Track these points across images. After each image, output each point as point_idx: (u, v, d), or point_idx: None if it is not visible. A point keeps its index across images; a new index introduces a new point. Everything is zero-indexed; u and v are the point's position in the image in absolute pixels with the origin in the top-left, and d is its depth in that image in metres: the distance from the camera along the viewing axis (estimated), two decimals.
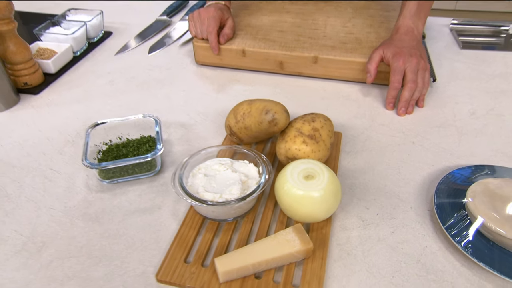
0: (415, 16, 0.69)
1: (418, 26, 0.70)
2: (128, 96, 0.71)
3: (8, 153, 0.58)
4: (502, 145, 0.58)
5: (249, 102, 0.53)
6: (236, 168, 0.48)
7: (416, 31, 0.69)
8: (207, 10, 0.75)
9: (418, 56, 0.64)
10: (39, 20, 0.85)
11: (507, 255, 0.41)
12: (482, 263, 0.40)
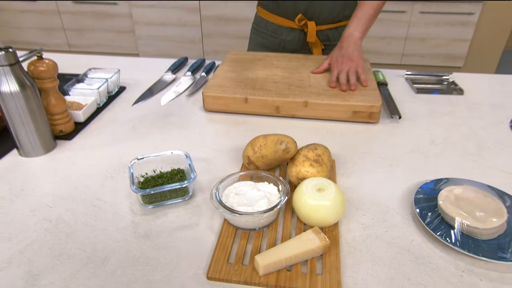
0: (354, 24, 0.95)
1: (356, 31, 0.95)
2: (150, 138, 0.80)
3: (58, 188, 0.64)
4: (457, 163, 0.71)
5: (264, 136, 0.64)
6: (259, 188, 0.57)
7: (354, 36, 0.94)
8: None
9: (349, 60, 0.90)
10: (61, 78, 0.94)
11: (472, 240, 0.52)
12: (456, 247, 0.50)
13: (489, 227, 0.51)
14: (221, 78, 0.94)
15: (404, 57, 2.88)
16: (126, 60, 1.19)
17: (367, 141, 0.79)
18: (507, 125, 0.84)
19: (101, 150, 0.75)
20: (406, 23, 2.75)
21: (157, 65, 1.14)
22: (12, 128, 0.69)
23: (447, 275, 0.49)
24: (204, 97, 0.88)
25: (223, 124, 0.85)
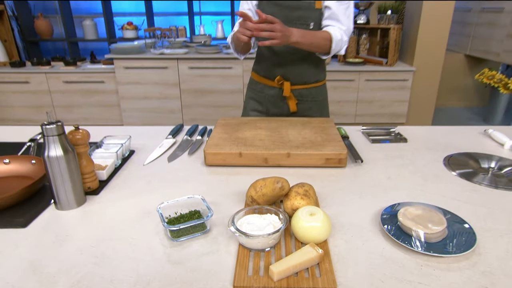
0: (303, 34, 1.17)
1: (296, 36, 1.14)
2: (163, 190, 0.91)
3: (96, 232, 0.74)
4: (408, 192, 0.88)
5: (263, 179, 0.78)
6: (265, 218, 0.70)
7: (292, 35, 1.13)
8: None
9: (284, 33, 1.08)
10: None
11: (425, 243, 0.67)
12: (414, 248, 0.65)
13: (435, 232, 0.67)
14: (216, 138, 1.09)
15: (357, 117, 3.21)
16: (131, 129, 1.32)
17: (339, 180, 0.95)
18: (441, 163, 1.04)
19: (125, 201, 0.86)
20: (355, 89, 3.12)
21: (158, 131, 1.29)
22: (54, 186, 0.79)
23: (411, 269, 0.62)
24: (206, 154, 1.02)
25: (222, 175, 0.99)
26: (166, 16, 4.12)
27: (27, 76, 3.02)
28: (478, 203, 0.83)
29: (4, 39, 3.17)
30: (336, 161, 1.01)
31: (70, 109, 3.17)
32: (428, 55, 3.01)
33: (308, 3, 1.27)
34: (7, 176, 0.93)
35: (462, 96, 3.76)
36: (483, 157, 1.06)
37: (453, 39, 3.82)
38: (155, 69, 3.03)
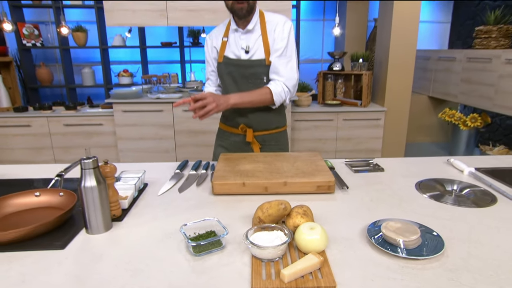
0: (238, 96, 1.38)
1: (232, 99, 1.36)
2: (178, 216, 1.00)
3: (126, 251, 0.82)
4: (388, 211, 1.01)
5: (268, 202, 0.90)
6: (272, 234, 0.81)
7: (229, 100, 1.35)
8: None
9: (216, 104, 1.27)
10: None
11: (405, 249, 0.79)
12: (396, 253, 0.77)
13: (412, 240, 0.79)
14: (222, 171, 1.21)
15: (337, 153, 3.39)
16: (143, 165, 1.43)
17: (330, 204, 1.07)
18: (414, 187, 1.19)
19: (146, 226, 0.95)
20: (335, 128, 3.33)
21: (168, 166, 1.40)
22: (87, 212, 0.88)
23: (394, 269, 0.74)
24: (214, 185, 1.13)
25: (229, 202, 1.09)
26: (159, 64, 4.34)
27: (29, 120, 3.09)
28: (445, 218, 0.97)
29: (9, 87, 3.27)
30: (326, 187, 1.14)
31: (68, 150, 3.22)
32: (396, 97, 3.28)
33: (259, 61, 1.45)
34: (38, 207, 1.01)
35: (429, 132, 4.03)
36: (447, 181, 1.22)
37: (417, 83, 4.16)
38: (152, 112, 3.16)
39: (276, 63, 1.43)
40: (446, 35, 4.41)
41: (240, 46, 1.46)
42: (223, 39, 1.50)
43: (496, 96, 2.88)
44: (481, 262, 0.77)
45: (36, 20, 4.00)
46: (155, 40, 4.08)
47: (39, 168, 1.40)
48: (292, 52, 1.45)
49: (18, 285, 0.70)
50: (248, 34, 1.46)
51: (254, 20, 1.44)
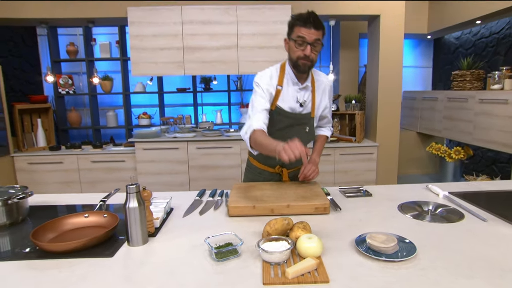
0: (317, 154, 1.59)
1: (317, 158, 1.62)
2: (202, 232, 1.15)
3: (162, 259, 0.97)
4: (374, 227, 1.15)
5: (275, 219, 1.05)
6: (278, 243, 0.96)
7: (316, 160, 1.59)
8: (292, 142, 1.16)
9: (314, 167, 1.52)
10: None
11: (385, 254, 0.93)
12: (379, 257, 0.91)
13: (390, 246, 0.94)
14: (235, 197, 1.37)
15: (335, 184, 3.52)
16: (168, 194, 1.59)
17: (325, 222, 1.22)
18: (396, 209, 1.33)
19: (176, 240, 1.10)
20: (332, 161, 3.49)
21: (188, 193, 1.56)
22: (129, 228, 1.05)
23: (376, 269, 0.88)
24: (229, 208, 1.29)
25: (242, 222, 1.25)
26: (175, 107, 4.63)
27: (61, 158, 3.31)
28: (420, 231, 1.11)
29: (46, 129, 3.53)
30: (322, 209, 1.29)
31: (94, 184, 3.40)
32: (386, 133, 3.48)
33: (308, 114, 1.56)
34: (88, 226, 1.17)
35: (419, 165, 4.18)
36: (424, 203, 1.36)
37: (406, 120, 4.37)
38: (169, 150, 3.37)
39: (328, 115, 1.69)
40: (430, 78, 4.70)
41: (296, 99, 1.51)
42: (277, 87, 1.49)
43: (474, 131, 3.06)
44: (445, 263, 0.91)
45: (71, 71, 4.36)
46: (172, 86, 4.40)
47: (78, 197, 1.58)
48: (331, 101, 1.71)
49: (81, 281, 0.86)
50: (304, 90, 1.53)
51: (309, 77, 1.53)
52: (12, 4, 3.21)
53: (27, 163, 3.31)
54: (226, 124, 4.33)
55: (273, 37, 3.30)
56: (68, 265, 0.94)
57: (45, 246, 0.99)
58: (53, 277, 0.88)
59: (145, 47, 3.28)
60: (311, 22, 1.34)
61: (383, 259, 0.91)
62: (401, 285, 0.82)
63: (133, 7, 3.19)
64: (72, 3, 3.23)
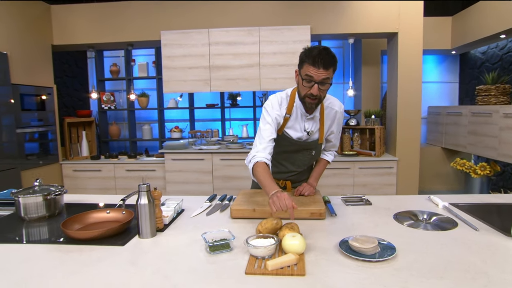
0: (314, 179, 1.58)
1: (314, 183, 1.64)
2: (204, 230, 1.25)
3: (165, 250, 1.09)
4: (365, 231, 1.19)
5: (265, 219, 1.14)
6: (266, 240, 1.05)
7: (312, 184, 1.60)
8: (282, 194, 1.21)
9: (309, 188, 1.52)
10: None
11: (364, 255, 0.98)
12: (360, 257, 0.96)
13: (369, 247, 0.98)
14: (239, 201, 1.47)
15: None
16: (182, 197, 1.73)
17: (320, 226, 1.28)
18: (392, 217, 1.36)
19: (180, 236, 1.21)
20: (351, 175, 3.48)
21: (199, 199, 1.69)
22: (140, 222, 1.18)
23: (352, 267, 0.93)
24: (232, 210, 1.39)
25: (242, 223, 1.34)
26: (204, 121, 4.86)
27: (100, 166, 3.61)
28: (407, 237, 1.14)
29: (89, 140, 3.88)
30: (317, 214, 1.35)
31: (127, 191, 3.64)
32: (407, 148, 3.41)
33: (315, 142, 1.56)
34: (108, 220, 1.33)
35: (444, 181, 4.01)
36: (420, 212, 1.37)
37: (431, 135, 4.24)
38: (195, 161, 3.55)
39: (333, 140, 1.65)
40: (456, 93, 4.54)
41: (303, 128, 1.52)
42: (286, 115, 1.49)
43: (499, 146, 2.93)
44: (421, 265, 0.94)
45: (113, 89, 4.77)
46: (202, 102, 4.64)
47: (106, 197, 1.76)
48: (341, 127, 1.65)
49: (96, 263, 1.00)
50: (312, 120, 1.52)
51: (318, 108, 1.50)
52: (67, 32, 3.64)
53: (72, 170, 3.65)
54: (251, 137, 4.47)
55: (292, 56, 3.42)
56: (88, 250, 1.09)
57: (70, 233, 1.15)
58: (74, 258, 1.03)
59: (176, 67, 3.54)
60: (320, 62, 1.29)
61: (360, 258, 0.96)
62: (371, 281, 0.86)
63: (166, 31, 3.49)
64: (114, 29, 3.59)
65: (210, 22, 3.49)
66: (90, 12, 3.60)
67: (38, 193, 1.41)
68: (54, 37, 3.64)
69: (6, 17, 3.07)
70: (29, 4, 3.36)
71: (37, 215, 1.40)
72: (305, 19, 3.40)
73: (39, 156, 3.38)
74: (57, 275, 0.94)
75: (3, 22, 3.03)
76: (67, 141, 3.75)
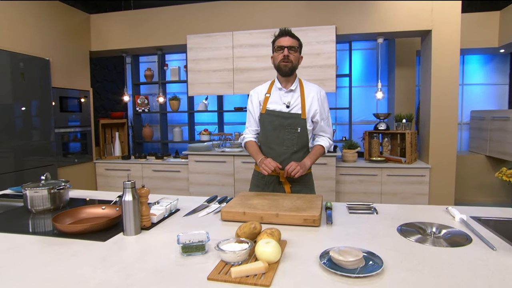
0: (308, 159, 1.63)
1: (308, 162, 1.66)
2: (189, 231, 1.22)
3: (144, 248, 1.06)
4: (355, 243, 1.07)
5: (245, 223, 1.06)
6: (241, 245, 0.97)
7: (306, 163, 1.63)
8: (267, 159, 1.60)
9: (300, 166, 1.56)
10: None
11: (345, 269, 0.86)
12: (338, 272, 0.85)
13: (351, 261, 0.87)
14: (233, 203, 1.41)
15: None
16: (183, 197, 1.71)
17: (310, 233, 1.17)
18: (396, 228, 1.20)
19: (163, 235, 1.18)
20: (379, 182, 3.24)
21: (200, 200, 1.65)
22: (124, 220, 1.17)
23: (328, 282, 0.82)
24: (222, 212, 1.33)
25: (230, 226, 1.26)
26: (233, 124, 4.87)
27: (129, 166, 3.77)
28: (405, 252, 0.99)
29: (122, 141, 4.07)
30: (311, 221, 1.24)
31: (154, 191, 3.74)
32: (441, 155, 3.10)
33: (296, 115, 1.69)
34: (100, 216, 1.34)
35: (490, 193, 3.58)
36: (428, 225, 1.20)
37: (474, 142, 3.83)
38: (217, 163, 3.56)
39: (322, 125, 1.76)
40: (506, 96, 4.06)
41: (282, 101, 1.72)
42: (266, 95, 1.75)
43: None
44: (409, 285, 0.80)
45: (148, 92, 4.98)
46: (231, 105, 4.66)
47: (114, 194, 1.80)
48: (328, 113, 1.79)
49: (71, 256, 0.99)
50: (290, 93, 1.72)
51: (295, 83, 1.73)
52: (103, 38, 3.88)
53: (104, 169, 3.84)
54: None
55: (317, 57, 3.29)
56: (70, 243, 1.10)
57: (58, 226, 1.17)
58: (54, 250, 1.04)
59: (200, 69, 3.59)
60: (286, 33, 1.65)
61: (338, 273, 0.85)
62: None
63: (192, 35, 3.55)
64: (144, 35, 3.74)
65: (234, 25, 3.49)
66: (123, 19, 3.79)
67: (43, 187, 1.47)
68: (92, 44, 3.89)
69: (50, 26, 3.34)
70: (71, 14, 3.62)
71: (43, 207, 1.46)
72: (330, 19, 3.26)
73: (75, 155, 3.61)
74: (30, 265, 0.95)
75: (47, 31, 3.30)
76: (101, 141, 3.97)
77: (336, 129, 4.44)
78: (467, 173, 3.70)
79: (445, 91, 3.04)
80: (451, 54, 2.98)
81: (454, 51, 2.97)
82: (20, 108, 2.95)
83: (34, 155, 3.08)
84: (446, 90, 3.03)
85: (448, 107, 3.04)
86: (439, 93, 3.05)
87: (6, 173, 2.81)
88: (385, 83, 4.27)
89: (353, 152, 3.43)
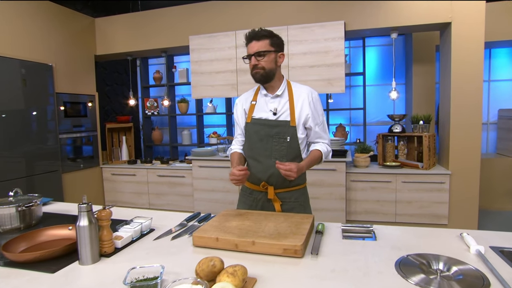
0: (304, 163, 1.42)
1: (305, 167, 1.42)
2: (153, 259, 1.06)
3: (104, 279, 0.92)
4: (337, 285, 0.87)
5: (205, 258, 0.89)
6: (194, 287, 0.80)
7: (303, 166, 1.41)
8: (232, 170, 1.39)
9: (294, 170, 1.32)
10: (118, 222, 1.32)
11: None
12: None
13: None
14: (208, 225, 1.24)
15: (397, 216, 2.98)
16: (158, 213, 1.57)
17: (288, 268, 0.98)
18: (393, 261, 0.99)
19: (122, 264, 1.03)
20: (393, 190, 2.98)
21: (179, 216, 1.50)
22: (79, 247, 1.03)
23: None
24: (194, 237, 1.17)
25: (201, 254, 1.10)
26: None
27: (135, 171, 3.70)
28: None
29: (129, 145, 4.02)
30: (292, 251, 1.05)
31: (159, 196, 3.68)
32: (463, 159, 2.79)
33: (285, 122, 1.48)
34: (62, 239, 1.21)
35: None
36: (434, 258, 0.98)
37: (502, 144, 3.46)
38: (221, 168, 3.41)
39: (317, 130, 1.54)
40: None
41: (268, 108, 1.52)
42: (251, 103, 1.57)
43: None
44: None
45: (157, 95, 4.92)
46: None
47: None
48: (323, 117, 1.58)
49: None
50: (277, 99, 1.52)
51: (282, 87, 1.53)
52: (107, 41, 3.83)
53: (110, 174, 3.80)
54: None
55: (325, 55, 3.06)
56: (16, 275, 0.98)
57: (6, 255, 1.05)
58: None
59: (203, 71, 3.45)
60: (250, 37, 1.46)
61: None
62: None
63: (194, 36, 3.42)
64: (148, 37, 3.65)
65: (236, 24, 3.33)
66: (127, 22, 3.72)
67: (10, 204, 1.37)
68: (97, 48, 3.85)
69: (54, 31, 3.32)
70: (75, 19, 3.59)
71: (10, 226, 1.36)
72: (338, 14, 3.02)
73: (80, 160, 3.59)
74: None
75: (51, 37, 3.28)
76: (108, 145, 3.93)
77: (350, 130, 4.17)
78: (494, 178, 3.34)
79: (467, 88, 2.72)
80: (474, 48, 2.65)
81: (477, 44, 2.64)
82: (22, 114, 2.94)
83: (37, 162, 3.06)
84: (468, 87, 2.71)
85: (470, 106, 2.73)
86: (460, 91, 2.74)
87: (8, 180, 2.80)
88: (402, 81, 3.96)
89: (365, 157, 3.17)
